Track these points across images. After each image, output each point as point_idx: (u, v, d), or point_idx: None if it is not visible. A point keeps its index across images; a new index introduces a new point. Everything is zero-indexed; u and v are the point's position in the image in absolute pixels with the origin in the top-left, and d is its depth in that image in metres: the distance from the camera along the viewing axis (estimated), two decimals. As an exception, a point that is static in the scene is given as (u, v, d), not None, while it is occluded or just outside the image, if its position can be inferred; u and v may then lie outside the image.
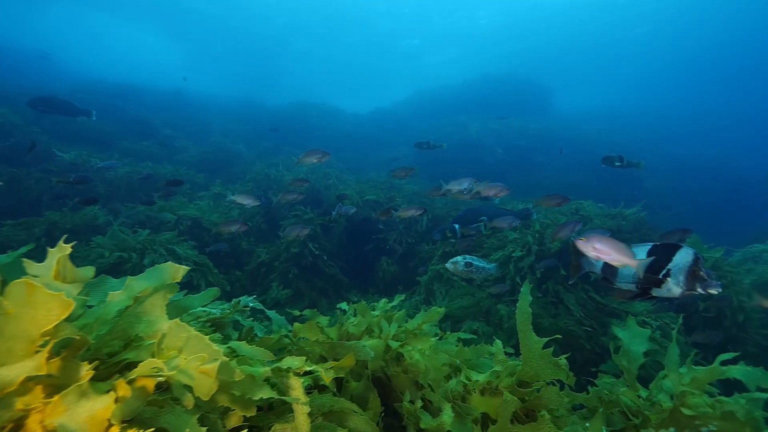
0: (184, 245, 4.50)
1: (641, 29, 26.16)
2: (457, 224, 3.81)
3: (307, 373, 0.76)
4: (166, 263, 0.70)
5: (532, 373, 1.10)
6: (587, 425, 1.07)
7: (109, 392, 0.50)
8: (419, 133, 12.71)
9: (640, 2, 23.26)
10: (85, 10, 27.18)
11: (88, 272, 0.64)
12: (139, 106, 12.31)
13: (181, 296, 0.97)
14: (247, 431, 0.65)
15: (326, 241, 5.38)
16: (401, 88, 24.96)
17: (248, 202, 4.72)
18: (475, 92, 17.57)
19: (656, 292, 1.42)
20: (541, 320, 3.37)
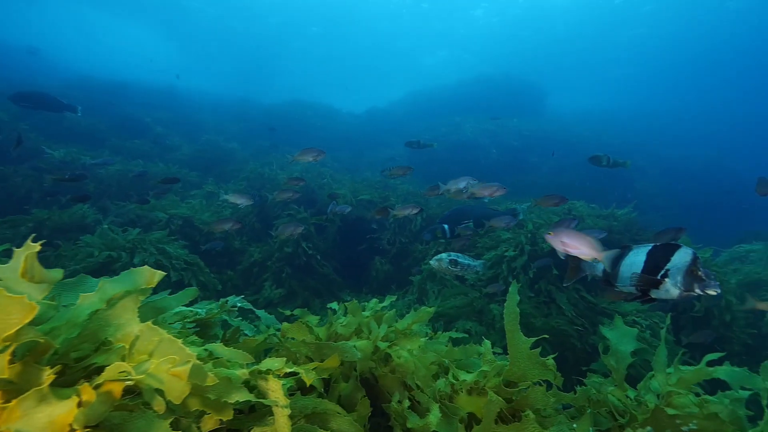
0: (174, 244, 4.45)
1: (635, 32, 26.45)
2: (446, 224, 3.80)
3: (289, 374, 0.75)
4: (142, 267, 0.68)
5: (519, 373, 1.09)
6: (574, 426, 1.07)
7: (72, 397, 0.48)
8: (414, 133, 12.71)
9: (634, 5, 23.52)
10: (74, 3, 26.70)
11: (56, 274, 0.62)
12: (130, 103, 12.13)
13: (164, 296, 0.95)
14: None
15: (320, 240, 5.36)
16: (396, 87, 24.95)
17: (242, 201, 4.67)
18: (469, 93, 17.61)
19: (654, 293, 1.38)
20: (533, 320, 3.39)
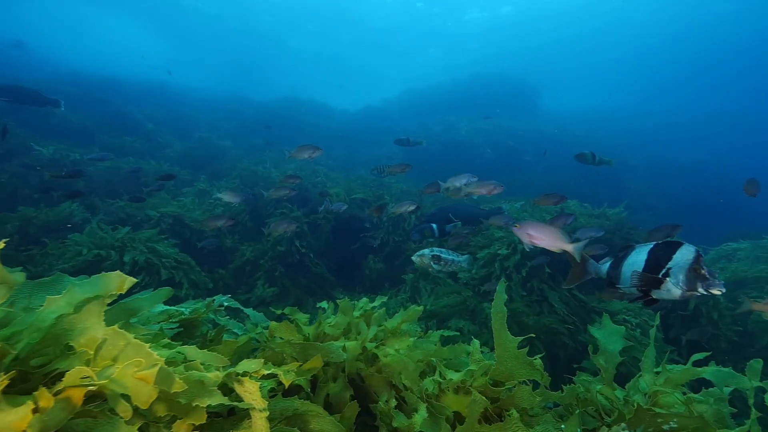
0: (164, 243, 4.39)
1: (629, 32, 26.69)
2: (434, 224, 3.80)
3: (269, 376, 0.73)
4: (114, 272, 0.66)
5: (506, 372, 1.08)
6: (562, 427, 1.06)
7: (27, 403, 0.46)
8: (409, 131, 12.70)
9: (629, 6, 23.71)
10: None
11: (18, 276, 0.60)
12: (120, 99, 11.94)
13: (135, 297, 0.92)
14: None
15: (313, 239, 5.33)
16: (392, 86, 24.92)
17: (236, 200, 4.63)
18: (464, 91, 17.63)
19: (656, 293, 1.32)
20: (525, 318, 3.39)
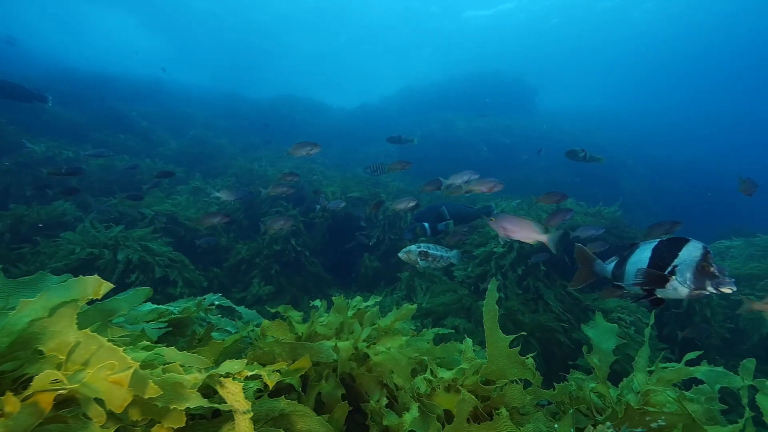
0: (158, 241, 4.36)
1: (626, 32, 26.76)
2: (426, 222, 3.79)
3: (254, 376, 0.72)
4: (91, 276, 0.64)
5: (498, 371, 1.08)
6: (555, 426, 1.06)
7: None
8: (406, 129, 12.68)
9: (626, 5, 23.77)
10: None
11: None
12: (114, 96, 11.81)
13: (113, 298, 0.90)
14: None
15: (309, 237, 5.31)
16: (389, 84, 24.87)
17: (233, 198, 4.61)
18: (461, 90, 17.62)
19: (661, 293, 1.23)
20: (521, 316, 3.40)
